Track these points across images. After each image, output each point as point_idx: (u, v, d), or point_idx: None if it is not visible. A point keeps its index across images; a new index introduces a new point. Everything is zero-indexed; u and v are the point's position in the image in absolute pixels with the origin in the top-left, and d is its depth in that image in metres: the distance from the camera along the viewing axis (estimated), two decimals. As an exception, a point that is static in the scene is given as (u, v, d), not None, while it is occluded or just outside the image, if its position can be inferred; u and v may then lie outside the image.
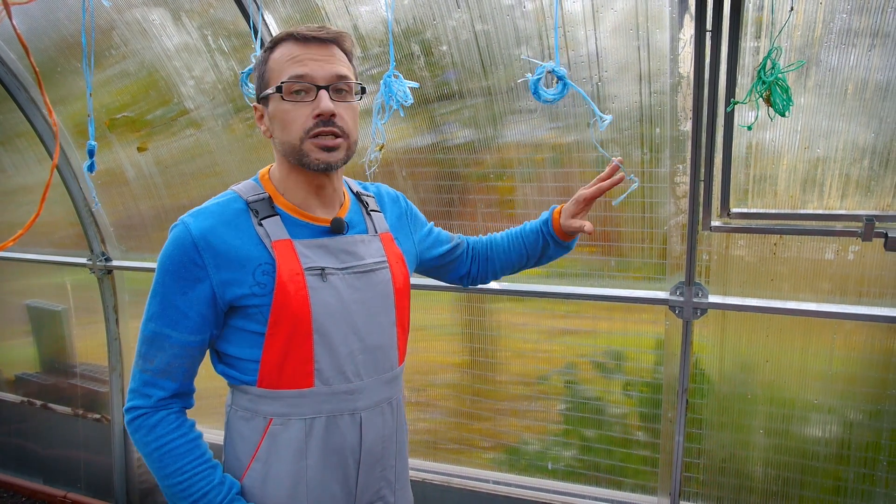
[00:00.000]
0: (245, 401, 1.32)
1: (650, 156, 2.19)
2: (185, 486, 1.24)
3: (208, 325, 1.28)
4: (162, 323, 1.25)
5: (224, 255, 1.24)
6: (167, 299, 1.25)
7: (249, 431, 1.32)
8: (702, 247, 2.21)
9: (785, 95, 1.51)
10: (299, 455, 1.30)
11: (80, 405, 3.71)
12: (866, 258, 2.05)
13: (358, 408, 1.34)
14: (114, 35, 2.66)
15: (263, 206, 1.30)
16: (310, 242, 1.30)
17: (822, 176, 2.00)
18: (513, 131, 2.34)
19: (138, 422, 1.27)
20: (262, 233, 1.27)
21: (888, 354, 2.12)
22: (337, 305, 1.30)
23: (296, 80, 1.25)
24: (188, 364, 1.29)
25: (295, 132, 1.26)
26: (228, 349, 1.32)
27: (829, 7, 1.75)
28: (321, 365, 1.29)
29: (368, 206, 1.46)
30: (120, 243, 3.41)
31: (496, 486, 2.73)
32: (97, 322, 3.52)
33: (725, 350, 2.32)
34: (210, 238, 1.23)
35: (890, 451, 2.16)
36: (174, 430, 1.26)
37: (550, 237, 1.67)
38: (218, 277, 1.24)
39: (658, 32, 1.95)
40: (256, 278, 1.25)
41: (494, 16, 2.10)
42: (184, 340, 1.26)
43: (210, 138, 2.88)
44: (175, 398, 1.29)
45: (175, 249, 1.24)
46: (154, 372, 1.26)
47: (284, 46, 1.28)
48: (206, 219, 1.26)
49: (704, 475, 2.43)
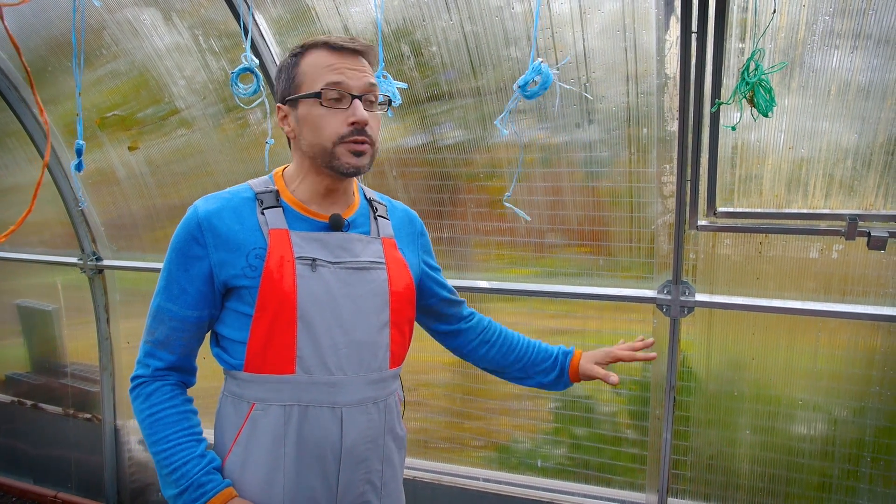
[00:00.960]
0: (234, 385, 1.37)
1: (637, 156, 2.21)
2: (167, 455, 1.29)
3: (206, 302, 1.34)
4: (165, 297, 1.34)
5: (223, 237, 1.31)
6: (171, 275, 1.34)
7: (235, 415, 1.36)
8: (689, 246, 2.24)
9: (768, 96, 1.54)
10: (277, 442, 1.32)
11: (71, 405, 3.70)
12: (850, 257, 2.08)
13: (338, 402, 1.35)
14: (105, 35, 2.67)
15: (269, 197, 1.37)
16: (306, 235, 1.35)
17: (807, 176, 2.03)
18: (486, 133, 2.36)
19: (137, 390, 1.35)
20: (263, 221, 1.34)
21: (871, 352, 2.15)
22: (324, 296, 1.33)
23: (333, 86, 1.31)
24: (186, 338, 1.35)
25: (328, 136, 1.32)
26: (223, 330, 1.37)
27: (812, 9, 1.78)
28: (303, 353, 1.32)
29: (377, 211, 1.50)
30: (111, 243, 3.41)
31: (486, 483, 2.75)
32: (88, 322, 3.52)
33: (712, 348, 2.35)
34: (213, 220, 1.31)
35: (874, 447, 2.19)
36: (167, 400, 1.33)
37: (562, 369, 1.68)
38: (216, 257, 1.31)
39: (644, 34, 1.98)
40: (249, 261, 1.31)
41: (483, 17, 2.12)
42: (182, 314, 1.33)
43: (201, 138, 2.89)
44: (172, 370, 1.36)
45: (183, 229, 1.33)
46: (154, 343, 1.34)
47: (317, 53, 1.33)
48: (214, 203, 1.34)
49: (692, 472, 2.45)
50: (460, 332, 1.71)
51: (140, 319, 3.51)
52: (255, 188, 1.39)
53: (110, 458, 3.51)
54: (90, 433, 3.59)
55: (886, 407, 2.17)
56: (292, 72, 1.35)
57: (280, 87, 1.38)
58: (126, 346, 3.49)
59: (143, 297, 3.45)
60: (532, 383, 1.72)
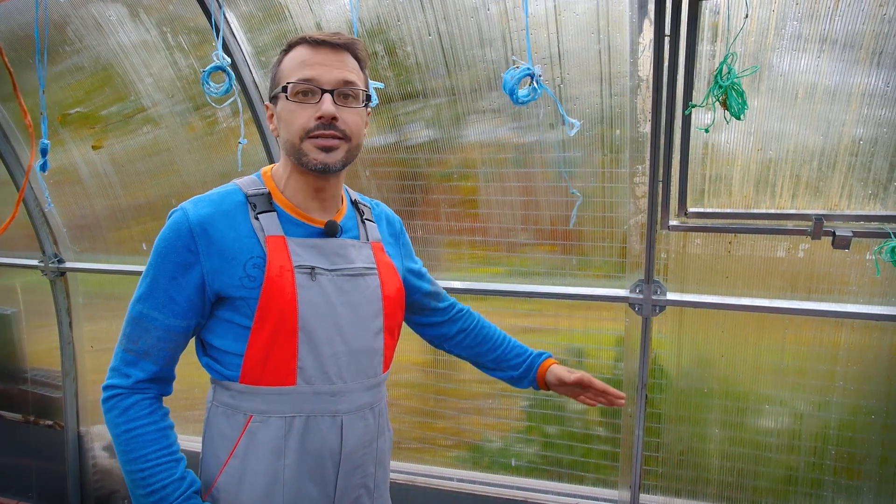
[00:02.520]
0: (226, 397, 1.32)
1: (610, 156, 2.23)
2: (145, 476, 1.24)
3: (195, 311, 1.29)
4: (149, 305, 1.27)
5: (217, 244, 1.26)
6: (157, 282, 1.27)
7: (229, 428, 1.31)
8: (660, 245, 2.27)
9: (740, 99, 1.57)
10: (277, 454, 1.30)
11: (32, 411, 3.59)
12: (815, 255, 2.14)
13: (339, 410, 1.34)
14: (68, 30, 2.59)
15: (262, 200, 1.32)
16: (303, 241, 1.32)
17: (774, 177, 2.07)
18: (475, 131, 2.36)
19: (113, 401, 1.27)
20: (258, 226, 1.29)
21: (836, 348, 2.21)
22: (324, 305, 1.31)
23: (301, 82, 1.28)
24: (171, 349, 1.29)
25: (295, 131, 1.29)
26: (214, 341, 1.32)
27: (780, 14, 1.82)
28: (304, 363, 1.29)
29: (364, 214, 1.48)
30: (73, 244, 3.31)
31: (460, 483, 2.75)
32: (49, 325, 3.41)
33: (683, 346, 2.39)
34: (206, 226, 1.26)
35: (838, 440, 2.26)
36: (146, 416, 1.26)
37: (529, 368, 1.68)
38: (209, 265, 1.26)
39: (618, 36, 2.00)
40: (247, 270, 1.27)
41: (458, 17, 2.12)
42: (169, 324, 1.27)
43: (168, 136, 2.83)
44: (153, 382, 1.29)
45: (171, 233, 1.26)
46: (136, 353, 1.27)
47: (297, 50, 1.31)
48: (205, 207, 1.28)
49: (663, 468, 2.49)
50: (441, 322, 1.71)
51: (104, 322, 3.44)
52: (246, 190, 1.34)
53: (74, 465, 3.41)
54: (52, 440, 3.49)
55: (849, 401, 2.23)
56: (275, 70, 1.35)
57: (269, 84, 1.38)
58: (89, 350, 3.40)
59: (108, 299, 3.37)
60: (502, 376, 1.73)
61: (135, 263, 3.15)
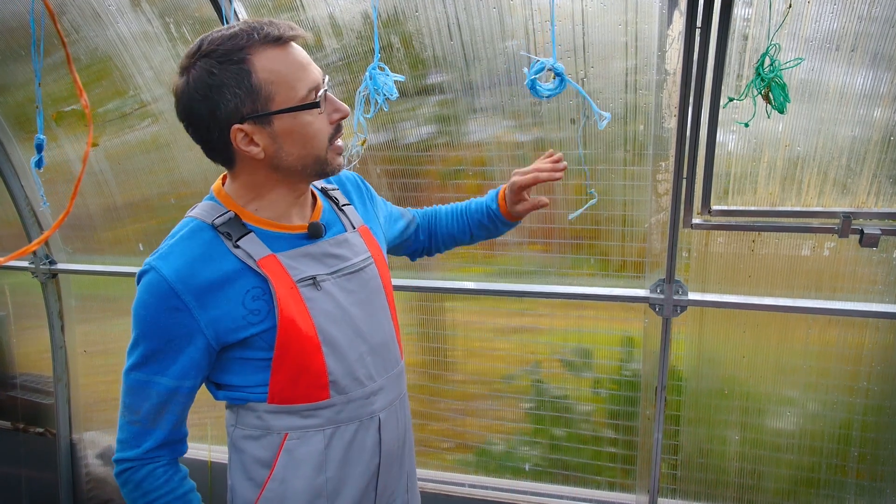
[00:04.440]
0: (253, 418, 1.24)
1: (632, 153, 2.18)
2: None
3: (202, 369, 1.20)
4: (147, 371, 1.16)
5: (207, 292, 1.13)
6: (149, 348, 1.15)
7: (261, 450, 1.24)
8: (681, 244, 2.22)
9: (783, 92, 1.52)
10: (318, 469, 1.24)
11: (22, 418, 3.46)
12: (841, 254, 2.10)
13: (375, 410, 1.31)
14: (64, 20, 2.48)
15: (233, 226, 1.18)
16: (292, 253, 1.21)
17: (801, 174, 2.03)
18: (490, 127, 2.30)
19: (125, 475, 1.20)
20: (243, 254, 1.16)
21: (860, 348, 2.18)
22: (337, 311, 1.24)
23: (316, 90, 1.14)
24: (178, 410, 1.20)
25: (320, 144, 1.17)
26: (231, 380, 1.24)
27: (816, 7, 1.77)
28: (335, 376, 1.23)
29: (339, 202, 1.39)
30: (65, 245, 3.19)
31: (472, 489, 2.69)
32: (39, 327, 3.29)
33: (703, 346, 2.34)
34: (186, 278, 1.12)
35: (861, 442, 2.22)
36: (162, 486, 1.20)
37: (499, 220, 1.65)
38: (205, 318, 1.14)
39: (646, 28, 1.94)
40: (247, 306, 1.16)
41: (480, 8, 2.05)
42: (173, 386, 1.17)
43: (167, 132, 2.72)
44: (164, 447, 1.21)
45: (151, 297, 1.13)
46: (141, 422, 1.18)
47: (266, 55, 1.10)
48: (177, 258, 1.14)
49: (682, 471, 2.45)
50: (417, 239, 1.72)
51: (98, 324, 3.33)
52: (209, 219, 1.18)
53: (66, 474, 3.29)
54: (43, 448, 3.36)
55: (874, 402, 2.20)
56: (248, 84, 1.09)
57: (228, 104, 1.10)
58: (83, 354, 3.27)
59: (102, 300, 3.25)
60: (477, 241, 1.74)
61: (130, 264, 3.03)
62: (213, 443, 3.02)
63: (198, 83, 1.09)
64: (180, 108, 1.15)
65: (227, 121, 1.11)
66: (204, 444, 3.03)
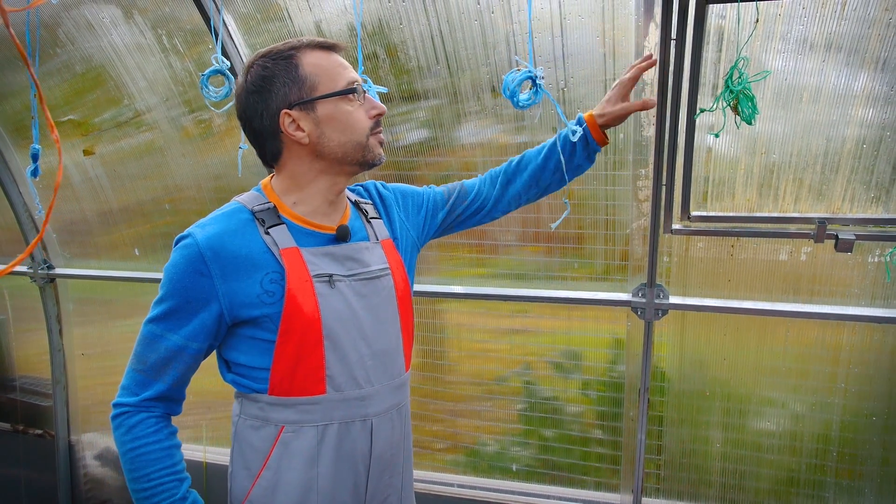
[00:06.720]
0: (255, 409, 1.32)
1: (613, 160, 2.22)
2: (148, 494, 1.25)
3: (210, 335, 1.29)
4: (162, 326, 1.26)
5: (231, 264, 1.25)
6: (170, 306, 1.26)
7: (259, 440, 1.32)
8: (662, 249, 2.26)
9: (751, 104, 1.56)
10: (311, 463, 1.31)
11: (21, 420, 3.52)
12: (817, 259, 2.15)
13: (369, 414, 1.36)
14: (59, 31, 2.53)
15: (269, 215, 1.31)
16: (316, 250, 1.32)
17: (777, 180, 2.08)
18: (474, 133, 2.34)
19: (120, 419, 1.28)
20: (270, 241, 1.28)
21: (837, 350, 2.22)
22: (346, 312, 1.32)
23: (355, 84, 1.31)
24: (181, 370, 1.29)
25: (360, 131, 1.31)
26: (239, 358, 1.32)
27: (786, 18, 1.82)
28: (332, 371, 1.30)
29: (368, 213, 1.48)
30: (63, 250, 3.25)
31: (461, 489, 2.73)
32: (38, 330, 3.35)
33: (685, 349, 2.39)
34: (217, 248, 1.24)
35: (839, 441, 2.27)
36: (151, 434, 1.27)
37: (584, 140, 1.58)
38: (225, 288, 1.25)
39: (623, 40, 1.99)
40: (264, 287, 1.26)
41: (462, 20, 2.10)
42: (181, 345, 1.27)
43: (162, 141, 2.78)
44: (160, 401, 1.29)
45: (182, 259, 1.25)
46: (145, 372, 1.27)
47: (314, 54, 1.30)
48: (213, 228, 1.27)
49: (665, 471, 2.49)
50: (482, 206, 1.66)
51: (95, 327, 3.38)
52: (250, 206, 1.32)
53: (64, 475, 3.35)
54: (42, 450, 3.42)
55: (851, 403, 2.24)
56: (295, 75, 1.28)
57: (279, 93, 1.28)
58: (80, 357, 3.33)
59: (99, 304, 3.30)
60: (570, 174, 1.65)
61: (127, 269, 3.09)
62: (209, 444, 3.08)
63: (254, 77, 1.29)
64: (239, 103, 1.33)
65: (277, 108, 1.28)
66: (199, 444, 3.09)
